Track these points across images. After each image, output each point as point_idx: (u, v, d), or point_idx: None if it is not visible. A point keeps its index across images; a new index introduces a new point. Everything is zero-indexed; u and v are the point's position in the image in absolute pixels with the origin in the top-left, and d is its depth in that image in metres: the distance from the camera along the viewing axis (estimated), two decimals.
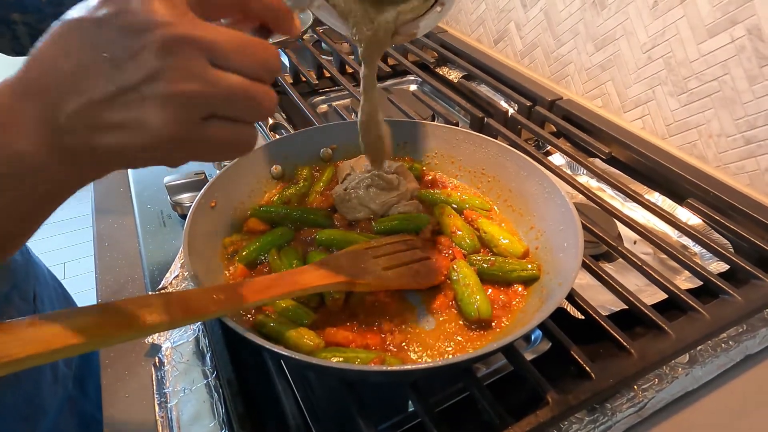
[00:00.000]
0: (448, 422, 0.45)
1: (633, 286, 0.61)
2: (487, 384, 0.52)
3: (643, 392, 0.51)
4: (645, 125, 0.92)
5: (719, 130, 0.80)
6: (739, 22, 0.73)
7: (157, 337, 0.58)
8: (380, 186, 0.64)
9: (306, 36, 1.20)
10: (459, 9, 1.30)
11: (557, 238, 0.57)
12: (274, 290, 0.46)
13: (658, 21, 0.84)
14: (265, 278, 0.48)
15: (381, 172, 0.64)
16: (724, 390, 0.55)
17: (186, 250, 0.51)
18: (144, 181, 0.83)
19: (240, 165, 0.65)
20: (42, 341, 0.32)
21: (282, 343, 0.48)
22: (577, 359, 0.51)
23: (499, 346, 0.43)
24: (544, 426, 0.46)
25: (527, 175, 0.64)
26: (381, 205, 0.64)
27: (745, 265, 0.61)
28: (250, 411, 0.49)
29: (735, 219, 0.70)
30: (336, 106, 1.03)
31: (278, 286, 0.47)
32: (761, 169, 0.76)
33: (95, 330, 0.34)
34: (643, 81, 0.89)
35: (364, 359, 0.47)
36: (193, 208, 0.55)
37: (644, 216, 0.74)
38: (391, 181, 0.65)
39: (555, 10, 1.02)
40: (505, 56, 1.19)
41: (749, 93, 0.75)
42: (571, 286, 0.48)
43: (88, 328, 0.34)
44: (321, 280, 0.49)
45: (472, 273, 0.56)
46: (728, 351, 0.55)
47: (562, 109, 0.93)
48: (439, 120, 0.93)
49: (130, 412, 0.53)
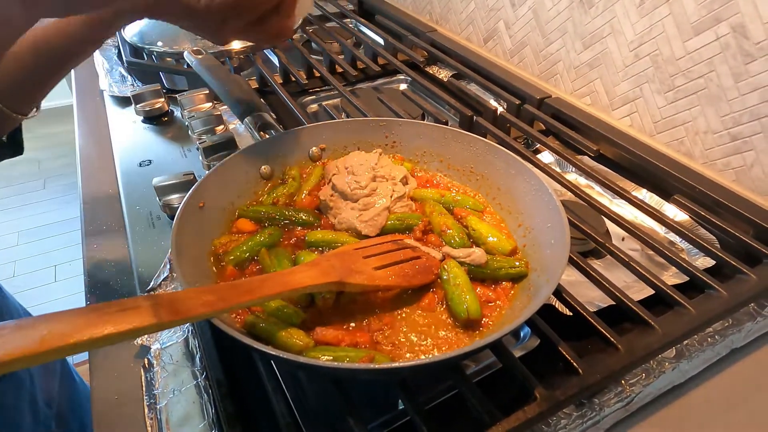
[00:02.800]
0: (437, 420, 0.46)
1: (621, 282, 0.62)
2: (476, 381, 0.52)
3: (630, 387, 0.52)
4: (633, 123, 0.93)
5: (706, 127, 0.81)
6: (724, 19, 0.74)
7: (146, 339, 0.58)
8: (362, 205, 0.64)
9: (296, 36, 1.20)
10: (449, 8, 1.30)
11: (545, 235, 0.57)
12: (263, 291, 0.46)
13: (645, 19, 0.84)
14: (254, 279, 0.48)
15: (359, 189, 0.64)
16: (711, 384, 0.55)
17: (174, 251, 0.50)
18: (133, 182, 0.83)
19: (229, 165, 0.65)
20: (30, 344, 0.32)
21: (272, 343, 0.48)
22: (564, 355, 0.51)
23: (486, 343, 0.43)
24: (533, 422, 0.47)
25: (515, 173, 0.64)
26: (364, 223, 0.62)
27: (731, 260, 0.62)
28: (240, 411, 0.49)
29: (721, 215, 0.70)
30: (326, 106, 1.03)
31: (267, 286, 0.46)
32: (747, 165, 0.77)
33: (83, 332, 0.34)
34: (630, 79, 0.90)
35: (353, 358, 0.47)
36: (181, 209, 0.55)
37: (632, 213, 0.75)
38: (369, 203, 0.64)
39: (543, 8, 1.03)
40: (495, 55, 1.20)
41: (734, 90, 0.75)
42: (558, 282, 0.48)
43: (75, 331, 0.34)
44: (311, 280, 0.49)
45: (462, 273, 0.56)
46: (714, 345, 0.56)
47: (550, 107, 0.94)
48: (429, 119, 0.93)
49: (119, 413, 0.53)
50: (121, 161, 0.88)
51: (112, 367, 0.57)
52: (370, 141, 0.74)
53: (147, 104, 0.99)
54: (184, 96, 0.95)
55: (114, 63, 1.17)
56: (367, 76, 1.13)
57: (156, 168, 0.86)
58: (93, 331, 0.35)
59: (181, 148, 0.92)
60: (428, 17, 1.40)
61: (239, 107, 0.77)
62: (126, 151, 0.91)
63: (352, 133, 0.74)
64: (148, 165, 0.87)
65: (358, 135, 0.74)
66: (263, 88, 1.08)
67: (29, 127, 0.69)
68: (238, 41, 1.10)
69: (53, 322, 0.34)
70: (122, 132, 0.96)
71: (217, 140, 0.83)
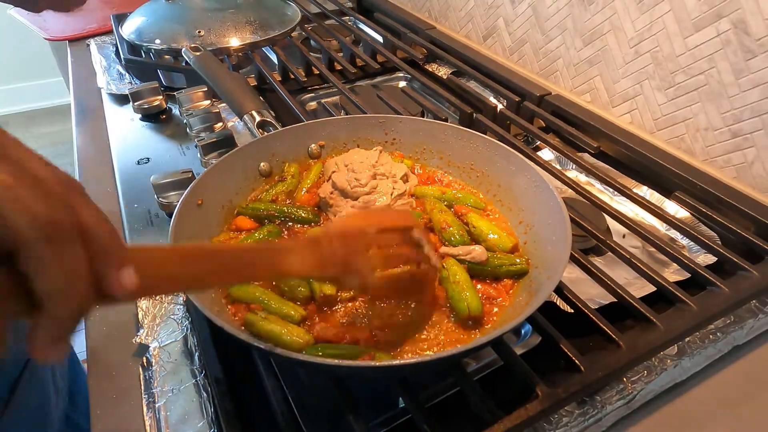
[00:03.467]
0: (438, 418, 0.45)
1: (622, 279, 0.61)
2: (477, 379, 0.52)
3: (632, 384, 0.51)
4: (633, 120, 0.92)
5: (706, 124, 0.81)
6: (725, 15, 0.73)
7: (144, 337, 0.57)
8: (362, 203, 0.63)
9: (294, 33, 1.20)
10: (448, 5, 1.30)
11: (546, 231, 0.57)
12: (250, 272, 0.41)
13: (645, 15, 0.84)
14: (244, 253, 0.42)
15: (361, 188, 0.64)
16: (713, 381, 0.55)
17: None
18: (131, 180, 0.82)
19: (227, 162, 0.64)
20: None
21: (271, 340, 0.48)
22: (566, 352, 0.51)
23: (487, 341, 0.43)
24: (534, 419, 0.46)
25: (516, 170, 0.64)
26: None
27: (732, 257, 0.62)
28: (240, 409, 0.49)
29: (722, 211, 0.70)
30: (325, 104, 1.03)
31: (257, 268, 0.41)
32: (747, 161, 0.77)
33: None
34: (630, 75, 0.90)
35: (354, 356, 0.47)
36: (179, 207, 0.55)
37: (633, 210, 0.74)
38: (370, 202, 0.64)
39: (543, 5, 1.02)
40: (494, 52, 1.20)
41: (735, 86, 0.75)
42: (560, 279, 0.48)
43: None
44: (307, 270, 0.44)
45: (461, 270, 0.55)
46: (716, 342, 0.56)
47: (550, 104, 0.94)
48: (429, 116, 0.93)
49: (118, 412, 0.52)
50: (119, 159, 0.88)
51: (110, 366, 0.56)
52: (370, 138, 0.73)
53: (145, 102, 0.98)
54: (183, 93, 0.95)
55: (112, 60, 1.16)
56: (366, 73, 1.12)
57: (154, 166, 0.86)
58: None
59: (180, 146, 0.91)
60: (427, 14, 1.39)
61: (238, 105, 0.77)
62: (124, 149, 0.90)
63: (351, 131, 0.73)
64: (147, 163, 0.87)
65: (357, 132, 0.73)
66: (262, 85, 1.07)
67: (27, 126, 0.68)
68: (237, 39, 1.10)
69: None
70: (120, 130, 0.96)
71: (216, 138, 0.82)
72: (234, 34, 1.11)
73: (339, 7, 1.42)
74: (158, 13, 1.17)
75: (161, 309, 0.60)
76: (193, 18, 1.14)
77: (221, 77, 0.82)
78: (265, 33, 1.13)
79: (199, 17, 1.15)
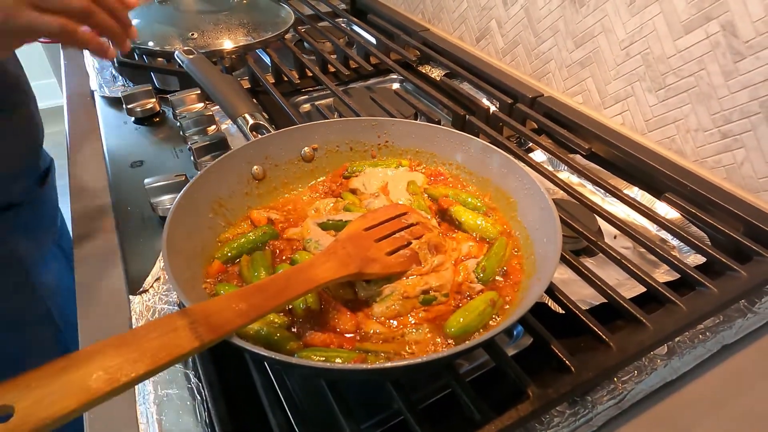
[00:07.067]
0: (430, 419, 0.46)
1: (613, 280, 0.62)
2: (469, 380, 0.52)
3: (622, 384, 0.52)
4: (624, 121, 0.93)
5: (696, 125, 0.81)
6: (714, 18, 0.74)
7: None
8: None
9: (288, 35, 1.20)
10: (441, 7, 1.30)
11: (536, 233, 0.58)
12: (290, 292, 0.44)
13: (636, 18, 0.85)
14: (277, 279, 0.46)
15: None
16: (702, 380, 0.56)
17: (165, 252, 0.50)
18: (124, 183, 0.82)
19: (220, 165, 0.64)
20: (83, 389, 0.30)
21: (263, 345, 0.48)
22: (557, 353, 0.51)
23: (479, 342, 0.43)
24: (526, 420, 0.47)
25: (507, 172, 0.64)
26: None
27: (721, 257, 0.62)
28: (233, 413, 0.49)
29: (712, 212, 0.71)
30: (318, 106, 1.03)
31: (293, 287, 0.45)
32: (737, 162, 0.77)
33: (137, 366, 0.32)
34: (622, 77, 0.90)
35: (345, 358, 0.47)
36: (172, 210, 0.55)
37: (624, 211, 0.75)
38: None
39: (535, 7, 1.03)
40: (487, 54, 1.20)
41: (725, 88, 0.76)
42: (550, 280, 0.48)
43: (122, 367, 0.32)
44: (332, 274, 0.48)
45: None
46: (705, 342, 0.56)
47: (543, 106, 0.94)
48: (422, 118, 0.93)
49: (111, 416, 0.52)
50: (112, 162, 0.87)
51: None
52: (363, 141, 0.74)
53: (138, 105, 0.98)
54: (176, 96, 0.95)
55: (105, 63, 1.16)
56: (359, 75, 1.13)
57: (147, 169, 0.86)
58: (150, 362, 0.33)
59: (173, 149, 0.91)
60: (421, 16, 1.40)
61: (231, 107, 0.77)
62: (117, 152, 0.90)
63: (344, 133, 0.73)
64: (140, 166, 0.87)
65: (350, 134, 0.73)
66: (255, 88, 1.07)
67: None
68: (230, 42, 1.10)
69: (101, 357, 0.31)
70: (113, 133, 0.96)
71: (209, 141, 0.82)
72: (227, 36, 1.11)
73: (332, 8, 1.42)
74: (151, 15, 1.17)
75: (154, 313, 0.61)
76: (186, 20, 1.14)
77: (214, 80, 0.82)
78: (259, 35, 1.13)
79: (192, 20, 1.15)
